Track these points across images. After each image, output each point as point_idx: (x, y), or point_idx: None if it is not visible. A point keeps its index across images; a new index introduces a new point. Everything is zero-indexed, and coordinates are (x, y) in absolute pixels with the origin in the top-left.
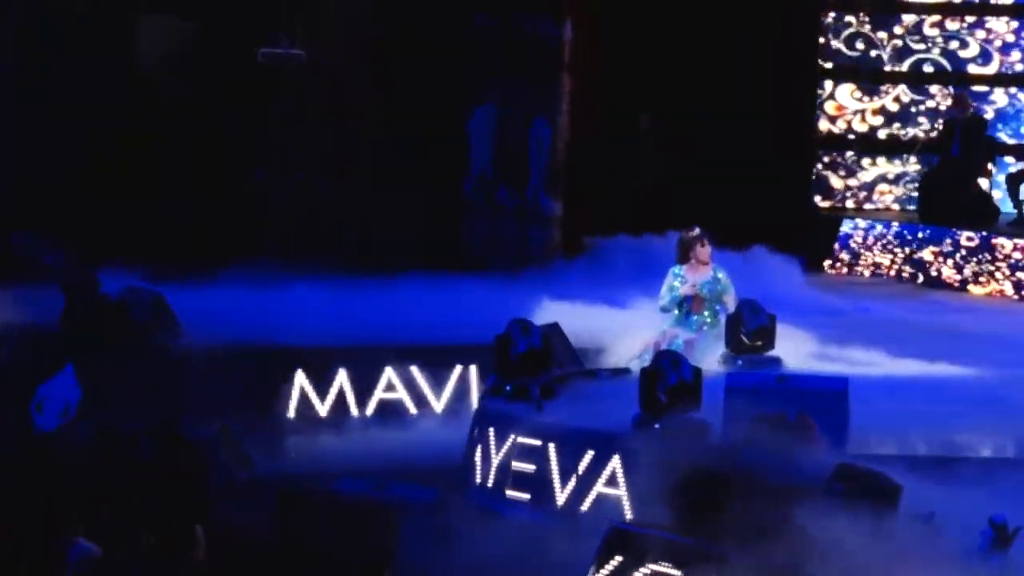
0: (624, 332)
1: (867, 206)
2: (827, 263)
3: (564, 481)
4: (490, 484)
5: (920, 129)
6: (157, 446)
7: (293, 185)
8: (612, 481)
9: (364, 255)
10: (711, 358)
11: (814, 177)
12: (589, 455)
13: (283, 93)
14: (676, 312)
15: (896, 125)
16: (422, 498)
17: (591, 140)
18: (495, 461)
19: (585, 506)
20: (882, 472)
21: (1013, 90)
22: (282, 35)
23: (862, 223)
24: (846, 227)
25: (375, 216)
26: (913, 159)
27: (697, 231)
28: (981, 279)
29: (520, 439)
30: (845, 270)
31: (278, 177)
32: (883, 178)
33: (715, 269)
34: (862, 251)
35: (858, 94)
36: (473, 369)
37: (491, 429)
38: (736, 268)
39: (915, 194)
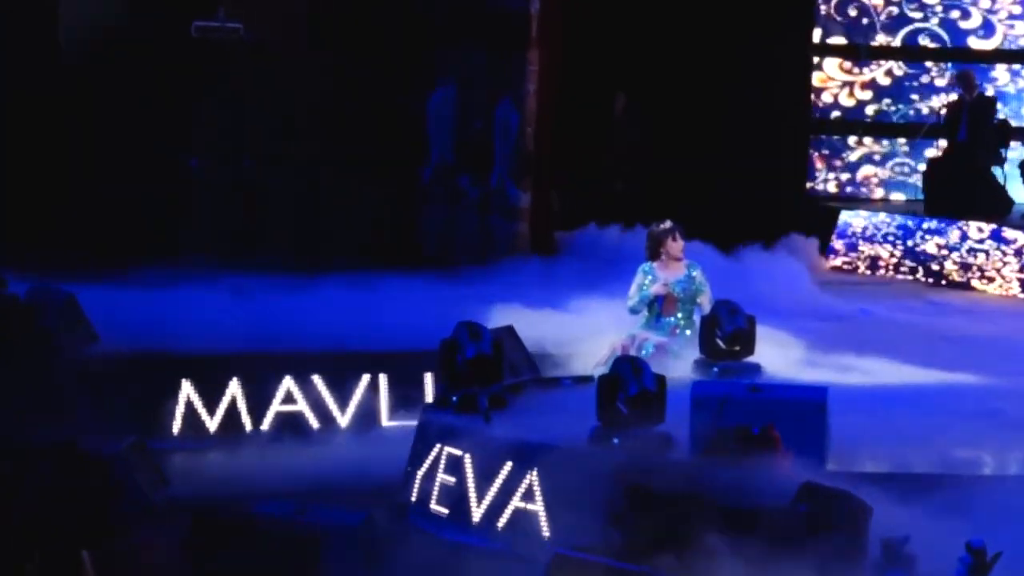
0: (589, 336)
1: (863, 192)
2: (823, 257)
3: (480, 495)
4: (432, 505)
5: (912, 107)
6: (59, 464)
7: (232, 174)
8: (529, 495)
9: (309, 251)
10: (684, 364)
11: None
12: (507, 467)
13: (220, 72)
14: (646, 314)
15: (886, 101)
16: (348, 522)
17: (562, 123)
18: (438, 480)
19: (501, 522)
20: (852, 492)
21: (1017, 66)
22: (219, 7)
23: (863, 214)
24: (845, 217)
25: (321, 208)
26: (902, 140)
27: (669, 224)
28: (988, 275)
29: (448, 448)
30: (842, 264)
31: (216, 166)
32: (868, 159)
33: (689, 266)
34: (861, 244)
35: (847, 64)
36: (383, 379)
37: (436, 445)
38: (721, 264)
39: (903, 177)
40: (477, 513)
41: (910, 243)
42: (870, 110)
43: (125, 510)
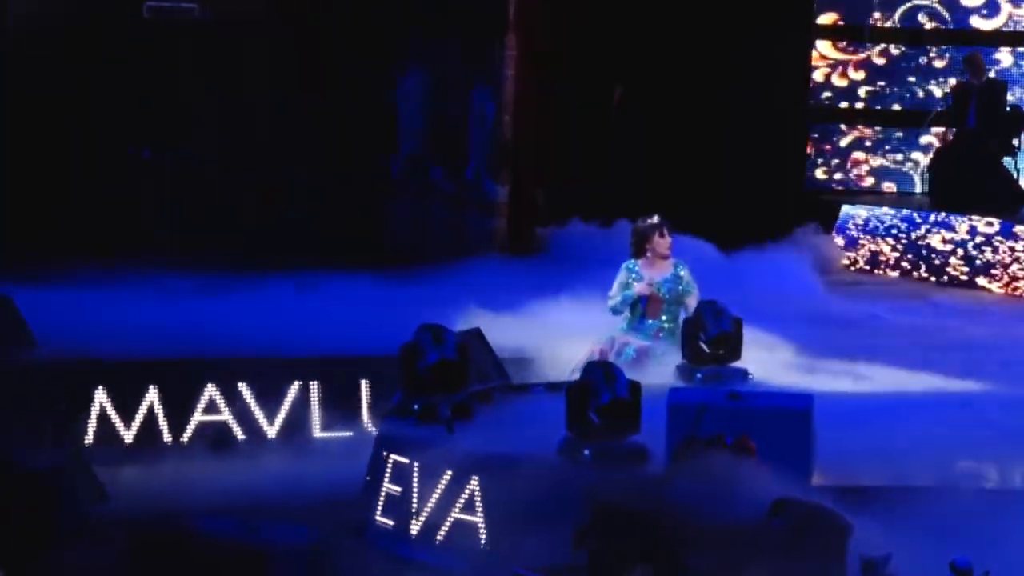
0: (566, 339)
1: (852, 179)
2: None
3: (421, 506)
4: (391, 524)
5: (907, 90)
6: None
7: (186, 166)
8: (470, 506)
9: (267, 249)
10: (667, 370)
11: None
12: (447, 476)
13: (173, 55)
14: (628, 315)
15: (881, 83)
16: (298, 540)
17: (543, 113)
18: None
19: (441, 535)
20: (830, 507)
21: (1022, 49)
22: None
23: (865, 208)
24: (846, 211)
25: (281, 202)
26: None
27: (656, 218)
28: (995, 273)
29: (405, 461)
30: (844, 261)
31: (170, 157)
32: (860, 144)
33: (677, 265)
34: (863, 239)
35: (841, 44)
36: (315, 387)
37: (393, 457)
38: (716, 262)
39: (896, 166)
40: (424, 527)
41: (914, 236)
42: (863, 92)
43: (61, 525)
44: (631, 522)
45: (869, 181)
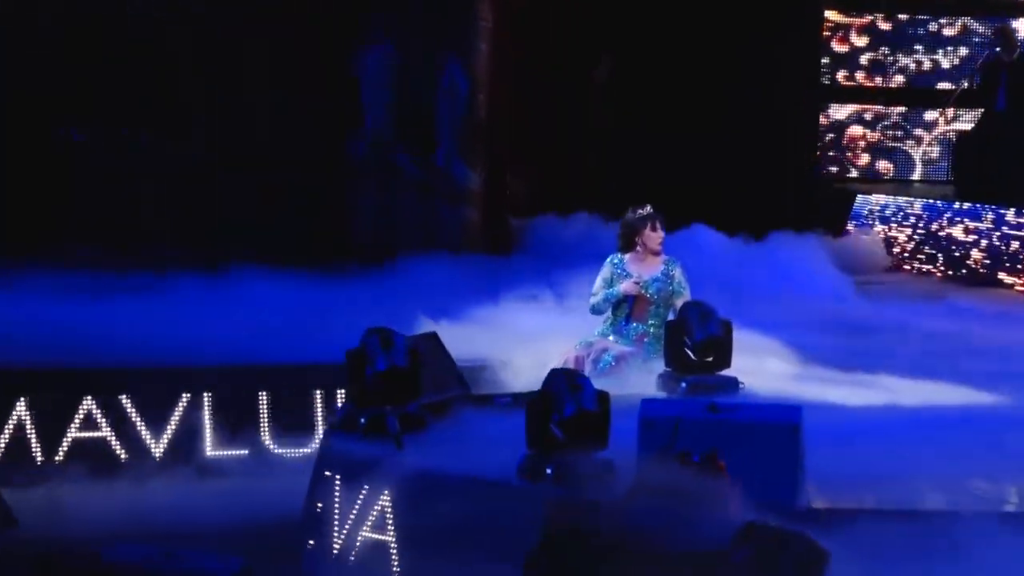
0: (538, 343)
1: (847, 157)
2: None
3: (341, 524)
4: (319, 545)
5: (912, 58)
6: None
7: (121, 148)
8: (380, 524)
9: (208, 242)
10: (649, 379)
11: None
12: (364, 491)
13: (107, 24)
14: (610, 316)
15: (883, 50)
16: (224, 569)
17: (521, 90)
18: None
19: (353, 556)
20: (806, 533)
21: None
22: None
23: (882, 197)
24: (861, 199)
25: (229, 189)
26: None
27: (648, 209)
28: (1019, 268)
29: (333, 473)
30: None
31: (104, 138)
32: (859, 118)
33: (668, 263)
34: (879, 229)
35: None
36: (207, 400)
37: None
38: (718, 256)
39: (895, 144)
40: (341, 548)
41: (934, 230)
42: (865, 59)
43: None
44: (584, 548)
45: (864, 159)
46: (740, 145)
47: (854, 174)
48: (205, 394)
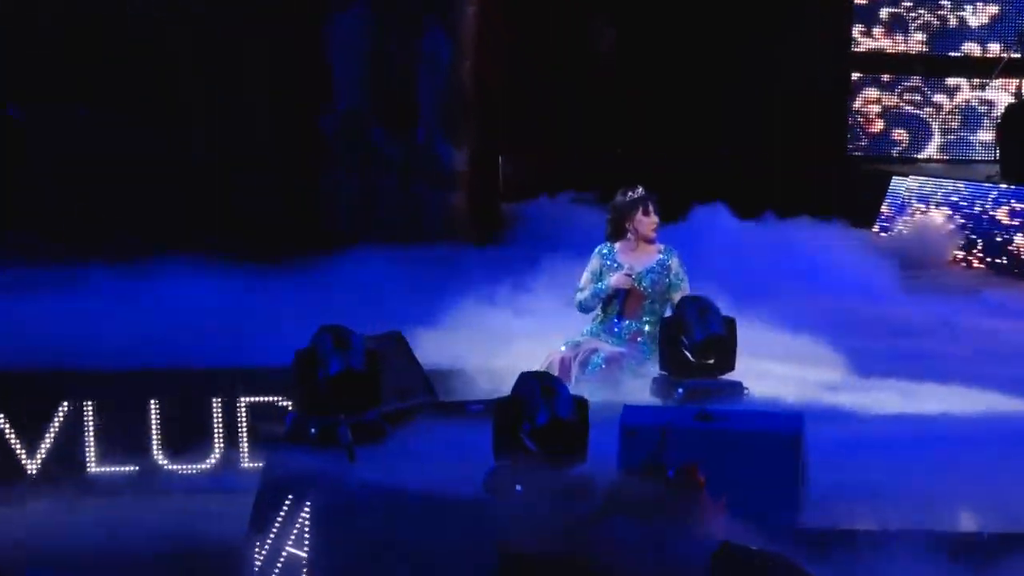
0: (518, 344)
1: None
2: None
3: (263, 540)
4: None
5: (935, 14)
6: None
7: (66, 125)
8: (299, 540)
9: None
10: (643, 384)
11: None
12: (286, 504)
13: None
14: (600, 313)
15: (906, 4)
16: None
17: (512, 60)
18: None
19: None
20: (786, 555)
21: None
22: None
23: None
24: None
25: (186, 170)
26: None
27: (640, 192)
28: None
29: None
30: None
31: (48, 114)
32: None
33: (665, 252)
34: (918, 215)
35: None
36: (90, 409)
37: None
38: (734, 244)
39: (913, 109)
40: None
41: (978, 214)
42: (884, 13)
43: None
44: (547, 570)
45: (879, 125)
46: (758, 118)
47: (892, 151)
48: (87, 402)
